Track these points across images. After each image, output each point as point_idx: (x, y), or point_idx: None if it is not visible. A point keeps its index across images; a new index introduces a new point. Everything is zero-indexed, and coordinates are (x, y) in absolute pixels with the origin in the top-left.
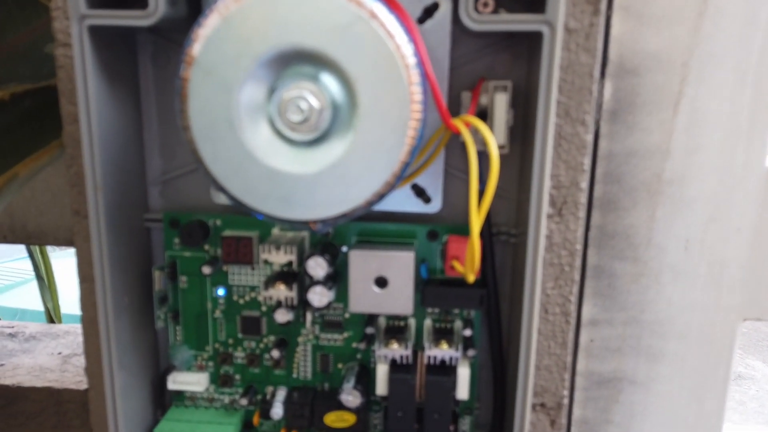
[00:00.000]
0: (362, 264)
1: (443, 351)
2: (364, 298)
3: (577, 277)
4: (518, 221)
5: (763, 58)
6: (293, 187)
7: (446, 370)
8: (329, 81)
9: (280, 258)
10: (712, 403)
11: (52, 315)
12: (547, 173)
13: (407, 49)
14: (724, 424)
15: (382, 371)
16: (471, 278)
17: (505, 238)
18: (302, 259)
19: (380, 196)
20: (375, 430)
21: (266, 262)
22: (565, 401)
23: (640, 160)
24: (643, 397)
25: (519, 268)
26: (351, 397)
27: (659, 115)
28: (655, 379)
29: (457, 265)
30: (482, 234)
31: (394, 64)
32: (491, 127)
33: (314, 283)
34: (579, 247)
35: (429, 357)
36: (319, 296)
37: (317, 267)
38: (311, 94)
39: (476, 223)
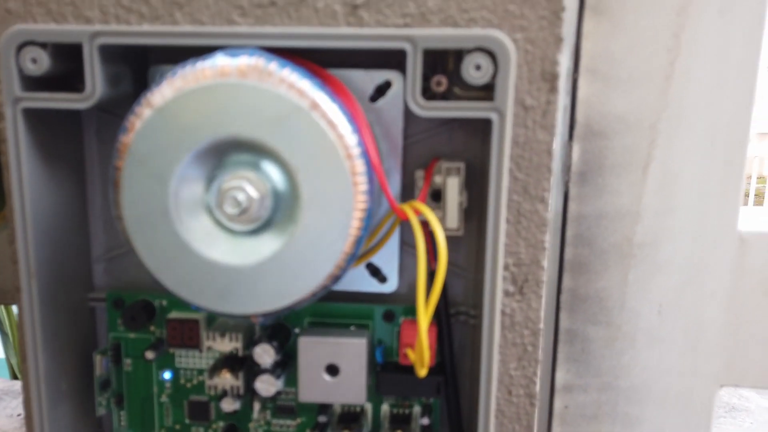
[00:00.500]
0: (312, 351)
1: None
2: (314, 387)
3: (541, 357)
4: (476, 301)
5: (733, 121)
6: (232, 281)
7: None
8: (270, 169)
9: (224, 346)
10: None
11: (16, 371)
12: (500, 250)
13: (351, 138)
14: None
15: None
16: (422, 372)
17: (464, 318)
18: (251, 342)
19: (324, 288)
20: None
21: (209, 349)
22: None
23: (611, 222)
24: None
25: (478, 349)
26: None
27: (628, 177)
28: None
29: (410, 353)
30: (439, 315)
31: (336, 155)
32: (444, 209)
33: (261, 371)
34: (542, 326)
35: None
36: (267, 385)
37: (264, 354)
38: (250, 184)
39: (424, 318)
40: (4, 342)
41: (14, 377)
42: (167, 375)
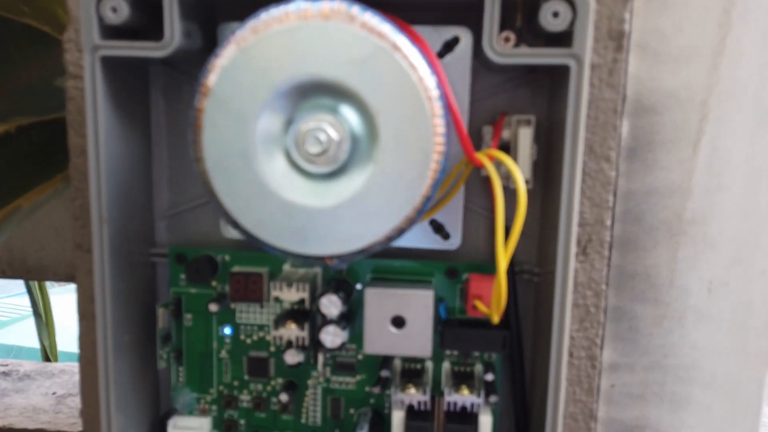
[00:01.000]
0: (379, 303)
1: (464, 397)
2: (380, 339)
3: (602, 318)
4: (540, 260)
5: None
6: (309, 221)
7: (467, 417)
8: (349, 113)
9: (291, 295)
10: None
11: (48, 353)
12: (575, 211)
13: (430, 81)
14: None
15: (398, 418)
16: (496, 319)
17: (528, 277)
18: (314, 297)
19: (400, 231)
20: None
21: (277, 299)
22: None
23: (660, 198)
24: None
25: (542, 309)
26: None
27: (679, 154)
28: (680, 428)
29: (480, 305)
30: (506, 272)
31: (417, 97)
32: (515, 161)
33: (327, 322)
34: (605, 287)
35: (449, 403)
36: (333, 336)
37: (331, 305)
38: (330, 126)
39: (503, 260)
40: (37, 323)
41: (46, 359)
42: (227, 330)
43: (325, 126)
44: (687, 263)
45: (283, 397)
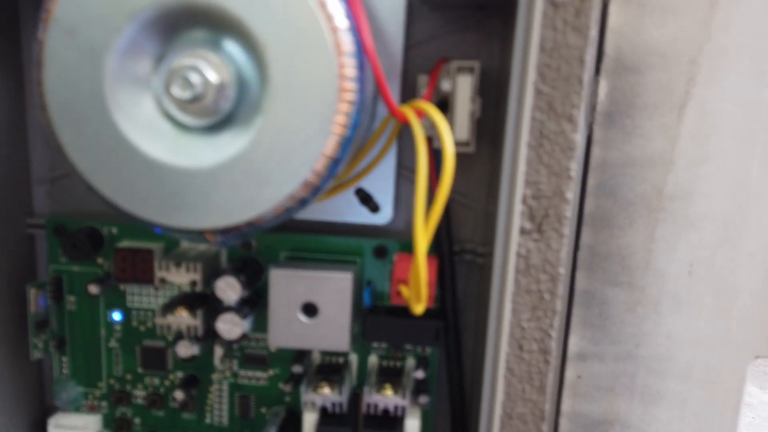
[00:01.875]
0: (287, 287)
1: (387, 398)
2: (288, 330)
3: (559, 307)
4: (487, 237)
5: None
6: (182, 186)
7: (390, 422)
8: (234, 49)
9: (180, 277)
10: None
11: None
12: (520, 177)
13: (337, 8)
14: None
15: (309, 422)
16: (418, 309)
17: (471, 258)
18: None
19: (300, 202)
20: None
21: (163, 281)
22: None
23: (639, 170)
24: None
25: (486, 295)
26: None
27: (662, 120)
28: (652, 424)
29: (404, 290)
30: (441, 252)
31: (316, 26)
32: (452, 117)
33: (224, 309)
34: (563, 270)
35: (369, 405)
36: (230, 326)
37: (228, 289)
38: (208, 66)
39: (422, 238)
40: None
41: None
42: (117, 316)
43: (201, 65)
44: (666, 243)
45: (179, 395)
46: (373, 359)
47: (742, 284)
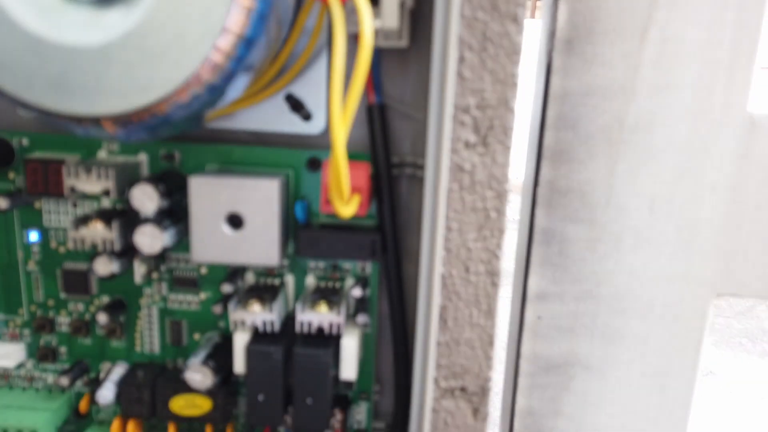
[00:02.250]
0: (208, 196)
1: (321, 315)
2: (211, 244)
3: (504, 225)
4: (426, 149)
5: None
6: (71, 65)
7: (325, 341)
8: None
9: (91, 185)
10: (677, 393)
11: None
12: (450, 76)
13: None
14: (690, 418)
15: (240, 342)
16: (343, 211)
17: (411, 172)
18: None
19: (206, 87)
20: (239, 420)
21: (73, 190)
22: (490, 384)
23: (600, 100)
24: (598, 384)
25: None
26: (199, 375)
27: (623, 46)
28: (613, 364)
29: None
30: (377, 163)
31: None
32: (379, 1)
33: (142, 221)
34: (508, 186)
35: (302, 323)
36: (149, 239)
37: (144, 198)
38: None
39: (339, 129)
40: None
41: None
42: (33, 236)
43: None
44: (627, 177)
45: (102, 319)
46: (310, 280)
47: (704, 218)
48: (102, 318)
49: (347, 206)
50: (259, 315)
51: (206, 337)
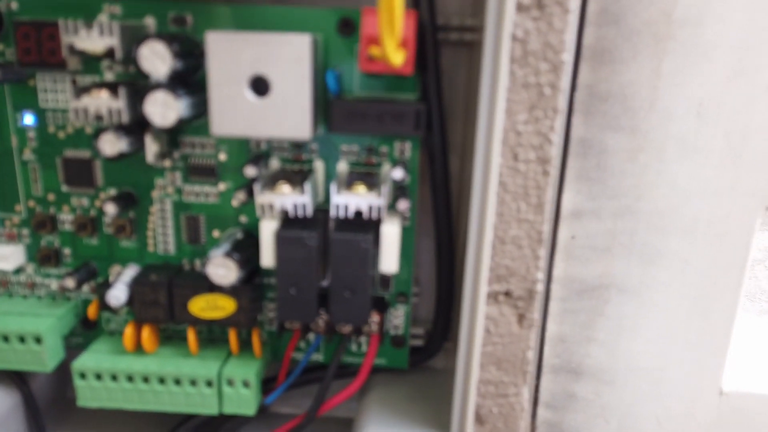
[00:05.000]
0: (229, 55)
1: (359, 197)
2: (233, 114)
3: (562, 105)
4: (476, 9)
5: None
6: None
7: (364, 226)
8: None
9: (92, 43)
10: (719, 317)
11: None
12: None
13: None
14: (731, 345)
15: (267, 230)
16: (395, 57)
17: (458, 37)
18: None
19: None
20: (265, 326)
21: (72, 50)
22: (540, 287)
23: None
24: (635, 308)
25: (475, 86)
26: (222, 269)
27: None
28: (651, 286)
29: (375, 51)
30: (421, 23)
31: None
32: None
33: (152, 87)
34: (567, 57)
35: (337, 206)
36: (162, 108)
37: (155, 59)
38: None
39: None
40: None
41: None
42: (29, 119)
43: None
44: (674, 78)
45: (110, 209)
46: (342, 166)
47: (756, 123)
48: (110, 209)
49: (399, 51)
50: (289, 197)
51: (227, 234)
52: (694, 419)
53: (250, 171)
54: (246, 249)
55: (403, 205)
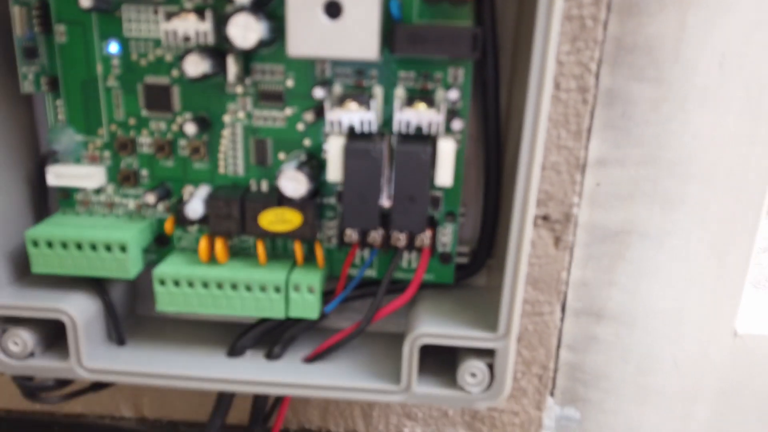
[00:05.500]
0: None
1: (420, 113)
2: (308, 35)
3: (601, 36)
4: None
5: None
6: None
7: (423, 140)
8: None
9: None
10: (736, 261)
11: None
12: None
13: None
14: (745, 290)
15: (335, 145)
16: None
17: None
18: None
19: None
20: (324, 244)
21: None
22: (575, 211)
23: None
24: (655, 253)
25: (524, 18)
26: (293, 182)
27: None
28: (671, 231)
29: None
30: None
31: None
32: None
33: (236, 9)
34: None
35: (399, 122)
36: (243, 31)
37: None
38: None
39: None
40: None
41: None
42: (113, 47)
43: None
44: (698, 30)
45: (190, 129)
46: (399, 91)
47: None
48: (189, 128)
49: None
50: (356, 113)
51: (292, 156)
52: (709, 360)
53: (319, 93)
54: (312, 165)
55: (457, 124)
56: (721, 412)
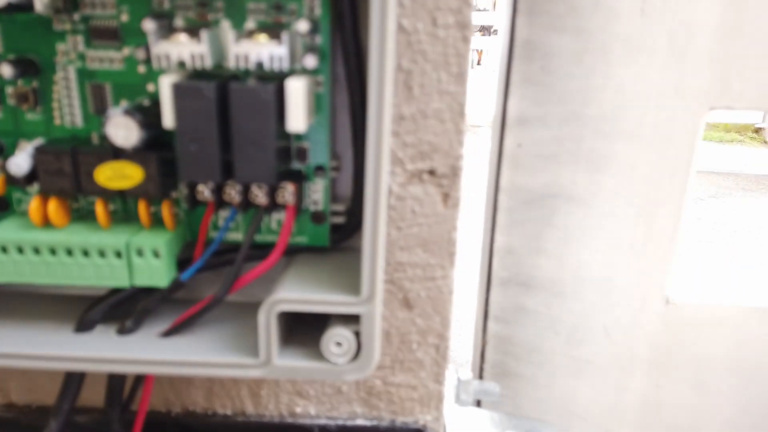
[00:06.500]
0: None
1: (259, 45)
2: None
3: None
4: None
5: None
6: None
7: (265, 79)
8: None
9: None
10: (665, 223)
11: None
12: None
13: None
14: (677, 251)
15: (166, 84)
16: None
17: None
18: None
19: None
20: (182, 204)
21: None
22: (461, 164)
23: None
24: (582, 216)
25: None
26: (122, 130)
27: None
28: (598, 194)
29: None
30: None
31: None
32: None
33: None
34: None
35: (236, 56)
36: None
37: None
38: None
39: None
40: None
41: None
42: None
43: None
44: None
45: (6, 71)
46: (249, 25)
47: (700, 21)
48: (6, 71)
49: None
50: (186, 46)
51: (135, 104)
52: (641, 328)
53: (149, 25)
54: (152, 112)
55: (309, 61)
56: (655, 381)
